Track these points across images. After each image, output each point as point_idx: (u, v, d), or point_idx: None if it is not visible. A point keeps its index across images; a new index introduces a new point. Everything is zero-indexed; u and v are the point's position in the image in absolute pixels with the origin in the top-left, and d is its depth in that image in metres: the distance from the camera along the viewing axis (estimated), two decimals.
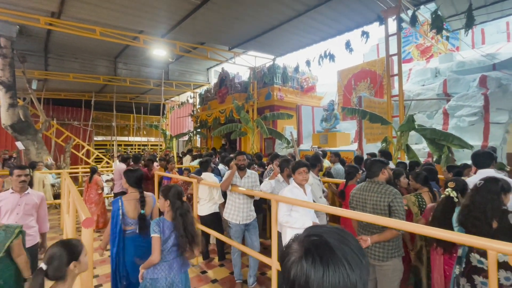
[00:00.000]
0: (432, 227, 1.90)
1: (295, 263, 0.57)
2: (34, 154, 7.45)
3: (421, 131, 4.61)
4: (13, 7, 6.31)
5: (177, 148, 15.29)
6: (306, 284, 0.55)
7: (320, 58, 6.66)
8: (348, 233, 0.62)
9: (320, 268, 0.54)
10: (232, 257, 3.31)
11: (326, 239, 0.58)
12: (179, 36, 8.18)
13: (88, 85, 12.38)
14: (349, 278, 0.54)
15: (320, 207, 2.57)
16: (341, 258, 0.55)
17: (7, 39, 6.86)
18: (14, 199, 2.63)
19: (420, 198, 2.77)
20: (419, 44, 11.26)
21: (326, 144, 7.71)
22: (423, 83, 9.16)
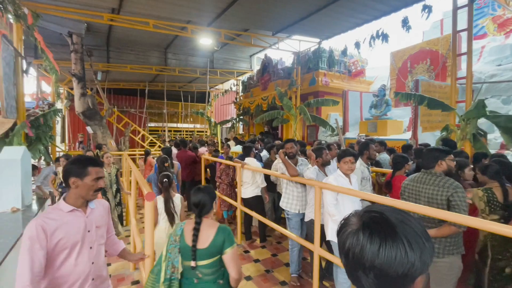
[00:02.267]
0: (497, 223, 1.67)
1: (352, 234, 0.59)
2: (100, 137, 8.49)
3: (493, 118, 3.99)
4: (82, 6, 7.09)
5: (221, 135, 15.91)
6: (361, 254, 0.56)
7: (372, 39, 6.11)
8: (413, 216, 0.60)
9: (377, 241, 0.55)
10: (291, 252, 3.20)
11: (387, 216, 0.58)
12: (224, 24, 8.30)
13: (142, 75, 13.49)
14: (407, 256, 0.53)
15: (366, 195, 2.45)
16: (401, 235, 0.55)
17: (77, 36, 7.78)
18: (79, 221, 1.40)
19: (490, 194, 2.43)
20: (497, 16, 9.52)
21: (375, 133, 7.20)
22: (499, 63, 7.82)
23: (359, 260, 0.56)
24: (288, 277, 3.22)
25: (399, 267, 0.53)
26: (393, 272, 0.54)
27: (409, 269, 0.54)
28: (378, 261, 0.54)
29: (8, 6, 4.47)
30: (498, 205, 2.36)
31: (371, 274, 0.55)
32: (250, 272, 3.35)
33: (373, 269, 0.55)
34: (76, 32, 7.71)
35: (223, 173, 4.80)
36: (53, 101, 8.01)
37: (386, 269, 0.54)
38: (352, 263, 0.58)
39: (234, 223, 4.94)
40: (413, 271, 0.54)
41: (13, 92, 4.80)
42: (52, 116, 5.99)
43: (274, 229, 4.02)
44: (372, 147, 3.34)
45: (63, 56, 9.28)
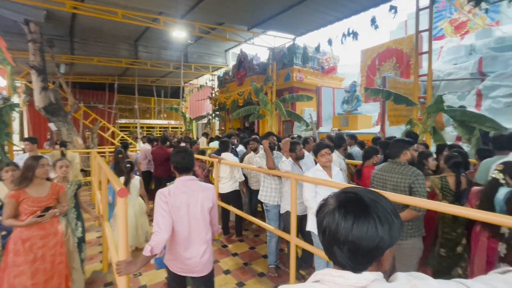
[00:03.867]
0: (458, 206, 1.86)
1: (329, 213, 0.65)
2: (65, 134, 7.94)
3: (450, 113, 4.37)
4: None
5: (197, 131, 15.63)
6: (336, 231, 0.62)
7: (343, 37, 6.36)
8: (383, 196, 0.67)
9: (350, 218, 0.61)
10: (269, 244, 3.25)
11: (361, 196, 0.64)
12: (198, 17, 8.11)
13: (111, 68, 12.75)
14: (377, 230, 0.60)
15: (340, 185, 2.57)
16: (372, 213, 0.61)
17: (36, 24, 7.14)
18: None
19: (444, 181, 2.68)
20: (453, 19, 10.36)
21: (346, 127, 7.54)
22: (456, 62, 8.52)
23: (335, 236, 0.62)
24: (266, 268, 3.29)
25: (370, 240, 0.60)
26: (365, 246, 0.60)
27: (379, 242, 0.60)
28: (352, 236, 0.60)
29: None
30: (450, 192, 2.61)
31: (345, 248, 0.61)
32: (229, 266, 3.38)
33: (347, 243, 0.61)
34: (34, 20, 7.07)
35: (199, 169, 4.77)
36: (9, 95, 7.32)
37: (358, 243, 0.60)
38: (328, 239, 0.64)
39: None
40: (382, 244, 0.61)
41: None
42: (7, 111, 5.50)
43: (251, 222, 4.09)
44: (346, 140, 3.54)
45: (19, 46, 8.50)
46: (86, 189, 7.43)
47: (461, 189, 2.62)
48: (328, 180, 2.61)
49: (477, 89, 6.63)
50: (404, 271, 2.06)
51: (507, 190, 1.86)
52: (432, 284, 0.58)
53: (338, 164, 3.30)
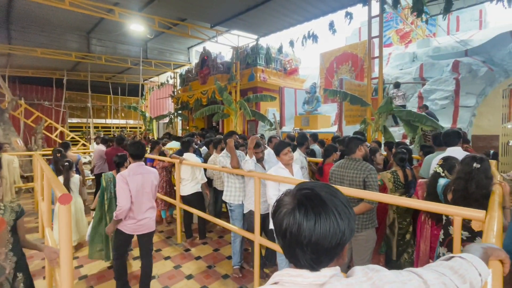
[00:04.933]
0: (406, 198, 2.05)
1: (288, 214, 0.61)
2: (1, 135, 6.98)
3: (398, 113, 4.81)
4: None
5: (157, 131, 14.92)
6: (298, 232, 0.59)
7: (304, 39, 6.61)
8: (336, 188, 0.66)
9: (312, 217, 0.58)
10: (233, 244, 3.21)
11: (318, 192, 0.62)
12: (158, 11, 7.73)
13: (58, 62, 11.51)
14: (339, 226, 0.59)
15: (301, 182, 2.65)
16: (332, 208, 0.59)
17: None
18: None
19: (395, 175, 2.94)
20: (399, 29, 11.47)
21: (307, 126, 7.84)
22: (401, 67, 9.43)
23: (297, 238, 0.59)
24: (230, 270, 3.26)
25: (333, 238, 0.58)
26: (328, 244, 0.58)
27: (341, 238, 0.59)
28: (315, 236, 0.58)
29: None
30: (400, 184, 2.89)
31: (309, 250, 0.59)
32: (191, 270, 3.27)
33: (310, 245, 0.58)
34: None
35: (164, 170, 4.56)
36: None
37: (322, 243, 0.58)
38: (289, 242, 0.60)
39: (174, 222, 4.74)
40: (344, 239, 0.60)
41: None
42: None
43: (215, 224, 4.02)
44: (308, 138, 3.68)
45: None
46: (29, 196, 6.61)
47: (409, 181, 2.91)
48: (291, 177, 2.68)
49: (419, 92, 7.41)
50: (360, 261, 2.20)
51: (444, 181, 2.09)
52: (387, 275, 0.59)
53: (300, 162, 3.41)
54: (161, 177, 4.60)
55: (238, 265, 3.24)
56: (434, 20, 9.44)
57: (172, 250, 3.79)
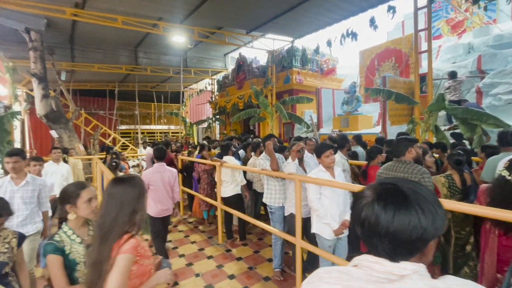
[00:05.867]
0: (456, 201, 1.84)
1: (367, 205, 0.64)
2: (66, 141, 7.94)
3: (452, 110, 4.36)
4: (41, 0, 6.56)
5: (197, 135, 15.64)
6: (376, 223, 0.61)
7: (342, 38, 6.38)
8: (424, 186, 0.66)
9: (391, 209, 0.60)
10: (274, 246, 3.23)
11: (400, 187, 0.63)
12: (197, 21, 8.16)
13: (111, 75, 12.82)
14: (420, 221, 0.58)
15: (346, 185, 2.55)
16: (414, 203, 0.60)
17: (37, 33, 7.19)
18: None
19: (450, 180, 2.65)
20: (450, 18, 10.41)
21: (347, 128, 7.53)
22: (454, 60, 8.54)
23: (375, 228, 0.61)
24: (271, 272, 3.25)
25: (413, 232, 0.58)
26: (406, 237, 0.59)
27: (422, 234, 0.59)
28: (393, 228, 0.59)
29: None
30: (457, 190, 2.59)
31: (386, 240, 0.60)
32: (233, 270, 3.34)
33: (388, 235, 0.60)
34: (34, 28, 7.12)
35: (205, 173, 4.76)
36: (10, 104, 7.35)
37: (400, 235, 0.59)
38: (367, 232, 0.63)
39: (215, 223, 4.90)
40: (426, 236, 0.59)
41: None
42: (9, 119, 5.52)
43: (255, 226, 4.06)
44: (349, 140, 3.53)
45: (21, 54, 8.55)
46: None
47: (467, 186, 2.60)
48: (333, 180, 2.59)
49: (477, 87, 6.62)
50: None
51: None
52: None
53: (341, 165, 3.28)
54: (202, 179, 4.81)
55: (279, 268, 3.22)
56: (494, 5, 8.41)
57: (214, 250, 3.92)
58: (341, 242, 2.70)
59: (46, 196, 2.77)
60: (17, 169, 2.55)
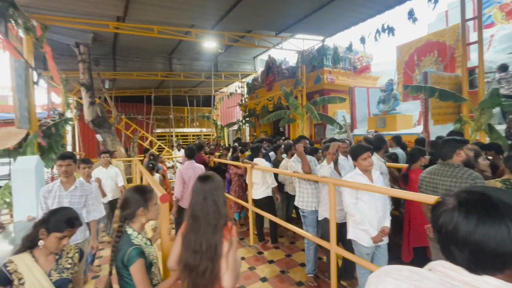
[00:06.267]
0: None
1: (446, 212, 0.61)
2: (110, 144, 8.60)
3: (509, 107, 3.87)
4: (88, 16, 7.22)
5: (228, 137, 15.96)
6: (455, 231, 0.58)
7: (377, 33, 6.04)
8: None
9: (473, 219, 0.56)
10: (307, 251, 3.15)
11: (489, 196, 0.58)
12: (228, 26, 8.33)
13: (148, 81, 13.64)
14: (510, 236, 0.53)
15: (383, 190, 2.39)
16: (504, 215, 0.55)
17: (85, 46, 7.92)
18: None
19: (509, 185, 2.35)
20: (504, 4, 9.30)
21: (384, 128, 7.10)
22: (511, 51, 7.62)
23: (453, 236, 0.59)
24: (304, 277, 3.17)
25: (500, 246, 0.54)
26: (491, 250, 0.55)
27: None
28: (475, 238, 0.56)
29: (19, 19, 4.58)
30: None
31: (466, 250, 0.57)
32: (265, 273, 3.31)
33: (468, 245, 0.57)
34: (83, 42, 7.85)
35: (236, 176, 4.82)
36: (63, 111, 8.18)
37: (483, 246, 0.55)
38: (444, 239, 0.62)
39: (246, 225, 4.92)
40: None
41: (25, 103, 4.91)
42: (63, 125, 6.11)
43: (287, 229, 3.99)
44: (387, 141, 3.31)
45: (71, 66, 9.47)
46: None
47: None
48: (370, 184, 2.44)
49: None
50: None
51: None
52: None
53: (378, 168, 3.09)
54: (234, 181, 4.86)
55: (312, 274, 3.12)
56: None
57: (246, 252, 3.93)
58: (380, 250, 2.53)
59: (93, 204, 2.72)
60: (69, 173, 2.52)
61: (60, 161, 2.48)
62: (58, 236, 1.41)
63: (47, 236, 1.40)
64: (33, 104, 5.14)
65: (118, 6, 6.51)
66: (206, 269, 1.32)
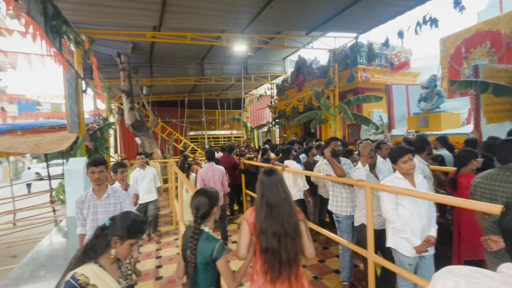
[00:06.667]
0: None
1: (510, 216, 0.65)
2: (147, 147, 9.13)
3: None
4: (127, 28, 7.77)
5: (258, 139, 16.04)
6: None
7: (418, 26, 5.58)
8: None
9: None
10: (342, 258, 3.03)
11: None
12: (257, 29, 8.38)
13: (181, 86, 14.27)
14: None
15: (428, 195, 2.17)
16: None
17: (125, 55, 8.54)
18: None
19: None
20: None
21: (426, 128, 6.54)
22: None
23: None
24: (339, 285, 3.02)
25: None
26: None
27: None
28: None
29: (70, 35, 5.07)
30: None
31: None
32: None
33: None
34: (123, 52, 8.47)
35: None
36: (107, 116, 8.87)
37: None
38: (509, 242, 0.66)
39: None
40: None
41: (75, 109, 5.40)
42: (106, 129, 6.61)
43: (319, 233, 3.85)
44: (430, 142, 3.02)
45: (113, 75, 10.25)
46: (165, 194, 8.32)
47: None
48: (412, 189, 2.23)
49: None
50: None
51: None
52: None
53: (421, 171, 2.83)
54: None
55: (347, 282, 2.97)
56: None
57: None
58: (425, 262, 2.30)
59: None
60: (102, 180, 2.29)
61: (93, 168, 2.25)
62: (132, 242, 1.40)
63: (121, 244, 1.37)
64: (82, 111, 5.64)
65: (154, 16, 6.90)
66: (291, 247, 1.54)
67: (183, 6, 6.42)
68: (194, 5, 6.41)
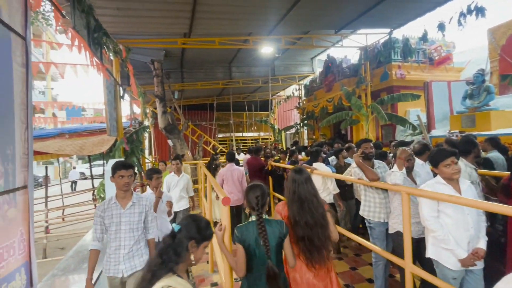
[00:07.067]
0: None
1: None
2: (179, 149, 9.51)
3: None
4: (159, 36, 8.18)
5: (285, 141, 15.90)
6: None
7: (461, 17, 5.09)
8: None
9: None
10: (375, 266, 2.86)
11: None
12: (284, 30, 8.31)
13: (210, 90, 14.67)
14: None
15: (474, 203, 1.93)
16: None
17: (158, 62, 9.01)
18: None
19: None
20: None
21: (473, 128, 5.94)
22: None
23: None
24: None
25: None
26: None
27: None
28: None
29: (110, 45, 5.48)
30: None
31: None
32: None
33: None
34: (157, 59, 8.94)
35: None
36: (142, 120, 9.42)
37: None
38: None
39: None
40: None
41: (114, 114, 5.81)
42: (142, 132, 7.01)
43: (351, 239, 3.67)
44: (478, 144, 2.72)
45: (148, 81, 10.86)
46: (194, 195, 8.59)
47: None
48: (456, 196, 2.02)
49: None
50: None
51: None
52: None
53: (467, 176, 2.56)
54: None
55: None
56: None
57: None
58: (473, 276, 2.07)
59: (152, 220, 2.26)
60: (129, 185, 2.10)
61: (123, 171, 2.05)
62: (206, 245, 1.35)
63: (197, 248, 1.31)
64: (120, 115, 6.05)
65: (184, 24, 7.18)
66: (322, 234, 1.81)
67: (211, 12, 6.61)
68: (222, 11, 6.56)
